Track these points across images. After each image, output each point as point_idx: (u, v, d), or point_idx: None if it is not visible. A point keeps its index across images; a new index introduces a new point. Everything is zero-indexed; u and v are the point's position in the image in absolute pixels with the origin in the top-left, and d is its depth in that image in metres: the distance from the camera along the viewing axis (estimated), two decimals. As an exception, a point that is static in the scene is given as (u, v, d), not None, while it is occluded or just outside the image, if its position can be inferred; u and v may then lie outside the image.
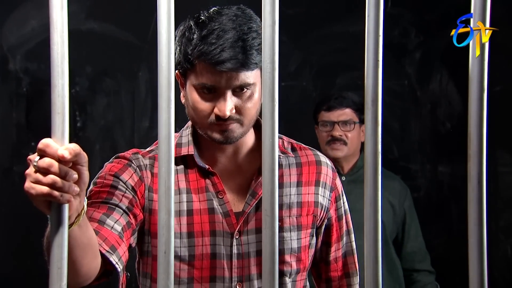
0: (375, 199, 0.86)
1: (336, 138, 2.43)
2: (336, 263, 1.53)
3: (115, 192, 1.31)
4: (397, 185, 2.53)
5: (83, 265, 1.12)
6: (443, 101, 3.18)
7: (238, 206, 1.41)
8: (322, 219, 1.48)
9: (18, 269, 2.91)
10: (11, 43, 2.92)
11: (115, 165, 1.38)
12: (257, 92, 1.33)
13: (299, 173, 1.46)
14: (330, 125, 2.44)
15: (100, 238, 1.21)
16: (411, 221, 2.52)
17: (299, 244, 1.43)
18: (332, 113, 2.45)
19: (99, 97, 3.02)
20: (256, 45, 1.27)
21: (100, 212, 1.27)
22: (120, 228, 1.27)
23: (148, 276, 1.42)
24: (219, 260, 1.37)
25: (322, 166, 1.49)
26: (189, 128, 1.44)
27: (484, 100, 0.85)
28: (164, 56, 0.84)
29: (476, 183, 0.86)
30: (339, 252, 1.53)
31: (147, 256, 1.40)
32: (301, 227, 1.43)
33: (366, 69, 0.85)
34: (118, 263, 1.22)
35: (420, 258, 2.53)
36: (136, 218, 1.33)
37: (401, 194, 2.51)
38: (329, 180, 1.49)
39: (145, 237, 1.39)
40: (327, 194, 1.48)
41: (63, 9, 0.85)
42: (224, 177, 1.42)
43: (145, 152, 1.43)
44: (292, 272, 1.43)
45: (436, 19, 3.10)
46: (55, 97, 0.85)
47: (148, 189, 1.37)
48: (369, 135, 0.86)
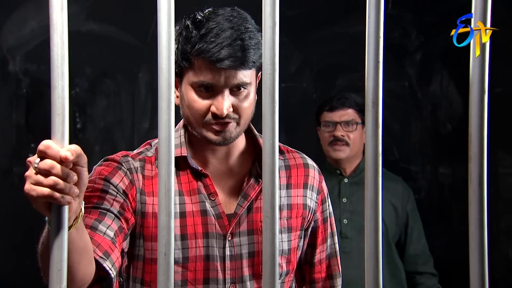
0: (375, 201, 0.86)
1: (338, 139, 2.41)
2: (320, 265, 1.55)
3: (105, 197, 1.30)
4: (399, 187, 2.51)
5: (79, 270, 1.11)
6: (444, 102, 3.18)
7: (229, 208, 1.41)
8: (310, 221, 1.50)
9: (18, 270, 2.91)
10: (11, 44, 2.92)
11: (105, 168, 1.36)
12: (252, 92, 1.35)
13: (288, 175, 1.47)
14: (332, 126, 2.43)
15: (93, 244, 1.19)
16: (413, 223, 2.50)
17: (289, 246, 1.44)
18: (335, 114, 2.43)
19: (99, 99, 3.02)
20: (253, 45, 1.29)
21: (91, 218, 1.26)
22: (113, 234, 1.26)
23: (138, 280, 1.40)
24: (212, 262, 1.37)
25: (310, 169, 1.50)
26: (181, 129, 1.43)
27: (485, 101, 0.85)
28: (164, 57, 0.84)
29: (477, 184, 0.85)
30: (324, 254, 1.55)
31: (138, 260, 1.39)
32: (291, 229, 1.44)
33: (366, 70, 0.85)
34: (111, 269, 1.22)
35: (423, 260, 2.51)
36: (128, 222, 1.32)
37: (403, 196, 2.49)
38: (316, 182, 1.51)
39: (136, 241, 1.37)
40: (314, 196, 1.50)
41: (63, 10, 0.84)
42: (216, 179, 1.42)
43: (135, 154, 1.42)
44: (282, 273, 1.43)
45: (437, 20, 3.10)
46: (55, 98, 0.85)
47: (140, 192, 1.36)
48: (370, 136, 0.86)
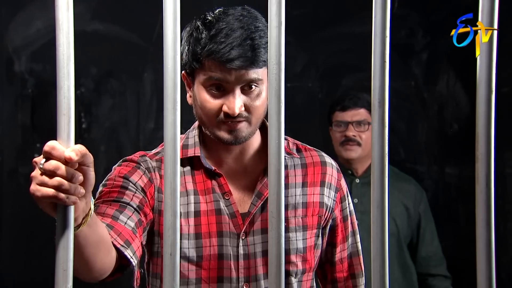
0: (382, 200, 0.85)
1: (350, 139, 2.41)
2: (341, 264, 1.54)
3: (125, 192, 1.33)
4: (412, 188, 2.49)
5: (96, 261, 1.13)
6: (450, 102, 3.17)
7: (243, 207, 1.42)
8: (327, 219, 1.49)
9: (23, 270, 2.92)
10: (17, 44, 2.93)
11: (124, 167, 1.39)
12: (264, 91, 1.35)
13: (304, 173, 1.47)
14: (344, 125, 2.43)
15: (114, 232, 1.22)
16: (426, 224, 2.47)
17: (304, 244, 1.44)
18: (347, 113, 2.43)
19: (104, 99, 3.03)
20: (263, 43, 1.30)
21: (113, 209, 1.28)
22: (133, 224, 1.29)
23: (158, 276, 1.43)
24: (226, 260, 1.38)
25: (327, 167, 1.50)
26: (196, 130, 1.45)
27: (492, 101, 0.85)
28: (170, 57, 0.84)
29: (484, 185, 0.85)
30: (345, 253, 1.54)
31: (157, 256, 1.41)
32: (307, 228, 1.44)
33: (373, 70, 0.85)
34: (132, 257, 1.24)
35: (435, 262, 2.49)
36: (147, 217, 1.35)
37: (416, 197, 2.47)
38: (334, 180, 1.50)
39: (155, 238, 1.40)
40: (332, 194, 1.49)
41: (69, 10, 0.84)
42: (230, 178, 1.43)
43: (152, 154, 1.44)
44: (298, 272, 1.43)
45: (443, 19, 3.09)
46: (60, 98, 0.85)
47: (158, 190, 1.39)
48: (376, 136, 0.86)
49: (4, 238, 2.93)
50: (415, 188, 2.51)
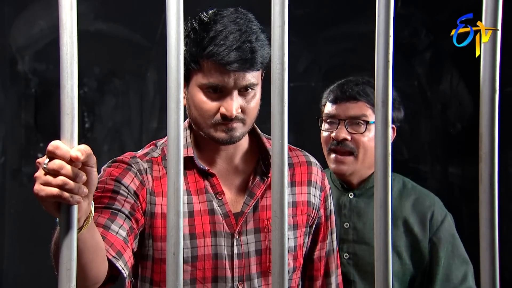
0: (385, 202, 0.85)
1: (339, 143, 1.74)
2: (319, 262, 1.57)
3: (117, 197, 1.31)
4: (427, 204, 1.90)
5: (92, 268, 1.13)
6: (454, 101, 3.16)
7: (236, 207, 1.43)
8: (314, 218, 1.52)
9: (26, 270, 2.92)
10: (20, 44, 2.93)
11: (115, 169, 1.37)
12: (258, 93, 1.37)
13: (292, 173, 1.49)
14: (333, 123, 1.78)
15: (106, 243, 1.21)
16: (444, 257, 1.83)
17: (295, 243, 1.46)
18: (339, 106, 1.79)
19: (107, 98, 3.03)
20: (260, 46, 1.31)
21: (104, 217, 1.27)
22: (125, 234, 1.27)
23: (147, 280, 1.42)
24: (220, 260, 1.39)
25: (313, 167, 1.53)
26: (187, 130, 1.44)
27: (495, 100, 0.85)
28: (173, 57, 0.84)
29: (488, 184, 0.85)
30: (323, 251, 1.57)
31: (147, 260, 1.40)
32: (297, 226, 1.47)
33: (376, 69, 0.85)
34: (124, 268, 1.23)
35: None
36: (138, 223, 1.34)
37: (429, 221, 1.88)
38: (319, 180, 1.53)
39: (146, 241, 1.39)
40: (318, 193, 1.52)
41: (73, 10, 0.84)
42: (222, 178, 1.44)
43: (141, 155, 1.43)
44: (289, 270, 1.45)
45: (447, 19, 3.08)
46: (64, 98, 0.85)
47: (150, 192, 1.38)
48: (379, 136, 0.85)
49: (8, 237, 2.94)
50: (429, 202, 1.94)
